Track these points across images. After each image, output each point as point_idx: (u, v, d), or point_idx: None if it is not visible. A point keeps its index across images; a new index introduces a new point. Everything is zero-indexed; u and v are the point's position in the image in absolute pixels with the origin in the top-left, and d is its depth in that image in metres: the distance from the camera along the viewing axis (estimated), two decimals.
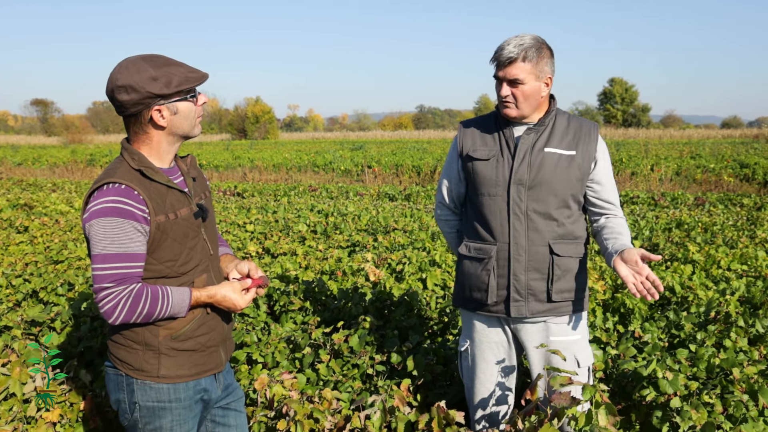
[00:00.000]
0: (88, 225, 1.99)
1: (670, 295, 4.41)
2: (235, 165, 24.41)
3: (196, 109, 2.15)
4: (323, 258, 6.02)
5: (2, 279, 4.98)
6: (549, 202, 2.54)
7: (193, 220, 2.17)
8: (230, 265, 2.38)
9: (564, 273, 2.58)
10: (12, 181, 17.49)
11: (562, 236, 2.58)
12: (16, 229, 8.16)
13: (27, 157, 29.41)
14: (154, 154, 2.12)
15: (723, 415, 2.85)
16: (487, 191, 2.60)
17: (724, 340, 3.53)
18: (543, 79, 2.49)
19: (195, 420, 2.26)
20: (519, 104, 2.50)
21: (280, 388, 2.89)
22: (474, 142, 2.66)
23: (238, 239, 6.91)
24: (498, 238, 2.59)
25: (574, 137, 2.57)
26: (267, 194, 13.94)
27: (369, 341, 3.51)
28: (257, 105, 72.45)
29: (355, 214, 8.97)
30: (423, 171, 20.31)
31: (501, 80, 2.50)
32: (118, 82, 2.00)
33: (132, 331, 2.11)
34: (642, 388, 2.98)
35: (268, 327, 3.93)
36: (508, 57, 2.43)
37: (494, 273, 2.61)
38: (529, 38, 2.46)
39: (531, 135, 2.55)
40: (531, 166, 2.52)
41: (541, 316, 2.62)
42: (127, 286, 1.99)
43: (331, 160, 24.56)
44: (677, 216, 9.05)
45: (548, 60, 2.49)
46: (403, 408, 2.70)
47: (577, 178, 2.56)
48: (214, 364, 2.28)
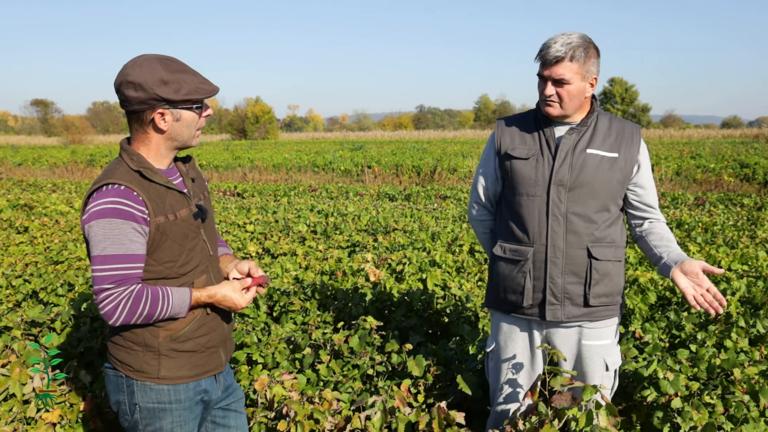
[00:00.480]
0: (88, 226, 1.98)
1: (670, 295, 4.41)
2: (235, 165, 24.39)
3: (199, 121, 2.14)
4: (323, 258, 6.01)
5: (2, 279, 4.98)
6: (589, 204, 2.49)
7: (193, 220, 2.17)
8: (230, 265, 2.38)
9: (602, 277, 2.53)
10: (12, 181, 17.49)
11: (600, 239, 2.52)
12: (16, 229, 8.15)
13: (27, 157, 29.40)
14: (152, 155, 2.11)
15: (724, 415, 2.85)
16: (526, 191, 2.54)
17: (724, 340, 3.52)
18: (588, 79, 2.43)
19: (195, 421, 2.26)
20: (563, 104, 2.44)
21: (280, 388, 2.88)
22: (513, 140, 2.59)
23: (238, 239, 6.91)
24: (535, 239, 2.54)
25: (617, 139, 2.51)
26: (267, 194, 13.93)
27: (369, 342, 3.51)
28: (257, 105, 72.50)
29: (355, 215, 8.97)
30: (423, 171, 20.28)
31: (545, 79, 2.43)
32: (128, 77, 1.99)
33: (132, 332, 2.11)
34: (643, 389, 2.98)
35: (268, 327, 3.93)
36: (555, 56, 2.37)
37: (530, 275, 2.56)
38: (576, 37, 2.40)
39: (573, 135, 2.49)
40: (572, 167, 2.47)
41: (576, 320, 2.58)
42: (127, 287, 1.98)
43: (331, 160, 24.54)
44: (678, 216, 9.04)
45: (595, 60, 2.43)
46: (404, 408, 2.70)
47: (618, 181, 2.50)
48: (214, 365, 2.27)
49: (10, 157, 29.23)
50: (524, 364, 2.71)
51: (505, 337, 2.72)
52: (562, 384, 2.40)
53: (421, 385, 3.23)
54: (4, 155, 30.80)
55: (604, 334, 2.63)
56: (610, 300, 2.58)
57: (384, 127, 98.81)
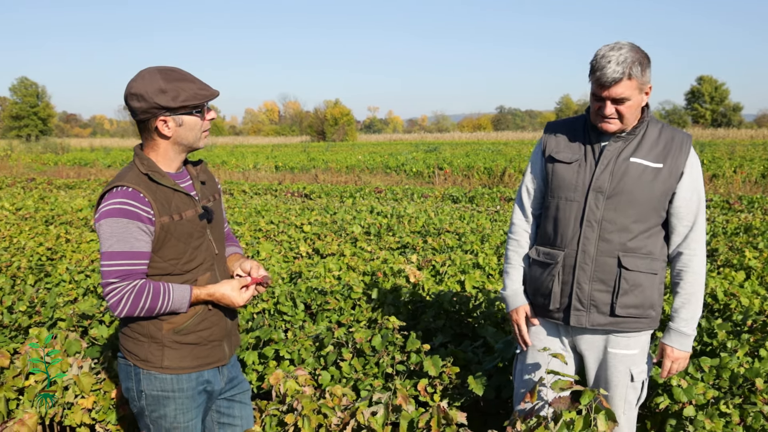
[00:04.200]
0: (98, 225, 2.15)
1: (712, 302, 4.28)
2: (309, 167, 24.86)
3: (202, 124, 2.28)
4: (370, 259, 6.12)
5: (66, 275, 5.33)
6: (627, 213, 2.46)
7: (198, 221, 2.31)
8: (236, 264, 2.52)
9: (632, 288, 2.49)
10: (98, 182, 18.44)
11: (634, 250, 2.48)
12: (90, 227, 8.65)
13: (117, 159, 30.89)
14: (161, 160, 2.27)
15: (740, 426, 2.77)
16: (565, 195, 2.55)
17: (759, 349, 3.40)
18: (645, 89, 2.40)
19: (198, 410, 2.40)
20: (624, 120, 2.41)
21: (293, 383, 3.00)
22: (558, 144, 2.61)
23: (292, 239, 7.11)
24: (567, 244, 2.54)
25: (664, 149, 2.47)
26: (334, 196, 14.18)
27: (391, 341, 3.58)
28: (336, 107, 73.49)
29: (412, 216, 9.04)
30: (493, 173, 20.10)
31: (603, 99, 2.38)
32: (132, 89, 2.16)
33: (139, 324, 2.27)
34: (657, 395, 2.93)
35: (304, 326, 4.06)
36: (613, 78, 2.31)
37: (558, 279, 2.57)
38: (627, 50, 2.33)
39: (618, 143, 2.48)
40: (613, 175, 2.45)
41: (602, 328, 2.56)
42: (131, 282, 2.14)
43: (403, 162, 24.66)
44: (749, 221, 8.67)
45: (648, 70, 2.39)
46: (406, 406, 2.76)
47: (661, 192, 2.45)
48: (216, 357, 2.41)
49: (101, 159, 30.82)
50: (550, 368, 2.71)
51: (534, 339, 2.72)
52: (562, 387, 2.41)
53: (437, 385, 3.28)
54: (96, 157, 32.50)
55: (632, 344, 2.58)
56: (640, 312, 2.52)
57: (462, 129, 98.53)
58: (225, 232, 2.60)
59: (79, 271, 5.43)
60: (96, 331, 3.86)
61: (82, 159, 31.59)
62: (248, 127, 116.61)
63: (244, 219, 9.08)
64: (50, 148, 43.41)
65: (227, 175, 23.58)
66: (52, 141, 48.39)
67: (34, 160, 32.97)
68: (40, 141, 50.18)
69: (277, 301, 4.39)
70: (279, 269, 5.51)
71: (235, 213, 9.90)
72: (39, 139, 54.79)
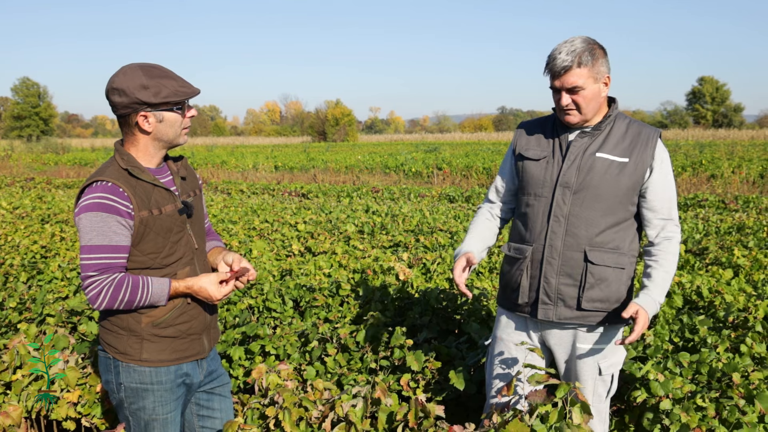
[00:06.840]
0: (78, 219, 2.19)
1: (696, 299, 4.31)
2: (309, 167, 24.90)
3: (182, 121, 2.32)
4: (361, 257, 6.15)
5: (58, 272, 5.37)
6: (593, 207, 2.50)
7: (178, 216, 2.35)
8: (218, 257, 2.55)
9: (598, 282, 2.53)
10: None
11: (600, 244, 2.53)
12: None
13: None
14: (141, 155, 2.31)
15: (716, 419, 2.80)
16: (534, 191, 2.61)
17: (740, 345, 3.44)
18: (601, 79, 2.45)
19: (177, 402, 2.43)
20: (582, 110, 2.46)
21: (275, 377, 3.03)
22: (528, 142, 2.68)
23: (286, 238, 7.14)
24: (535, 239, 2.60)
25: (630, 144, 2.51)
26: (331, 195, 14.22)
27: (375, 336, 3.62)
28: (337, 107, 73.51)
29: (407, 215, 9.08)
30: (492, 173, 20.14)
31: (559, 90, 2.46)
32: (113, 84, 2.20)
33: (118, 317, 2.31)
34: (634, 389, 2.96)
35: (292, 322, 4.09)
36: (563, 66, 2.39)
37: (527, 273, 2.63)
38: (579, 41, 2.42)
39: (585, 139, 2.54)
40: (580, 170, 2.51)
41: (569, 322, 2.60)
42: (109, 275, 2.18)
43: (402, 162, 24.69)
44: (742, 220, 8.69)
45: (603, 60, 2.44)
46: (385, 400, 2.79)
47: (627, 187, 2.50)
48: (195, 350, 2.44)
49: (101, 159, 30.84)
50: (518, 359, 2.76)
51: (503, 332, 2.79)
52: (538, 381, 2.45)
53: (420, 380, 3.32)
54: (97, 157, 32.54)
55: (600, 339, 2.63)
56: (606, 306, 2.57)
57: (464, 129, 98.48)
58: (206, 228, 2.64)
59: (71, 268, 5.47)
60: (85, 327, 3.90)
61: (82, 159, 31.67)
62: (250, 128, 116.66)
63: (239, 218, 9.11)
64: (51, 148, 43.58)
65: (226, 175, 23.62)
66: (53, 141, 48.56)
67: (35, 160, 33.11)
68: (41, 141, 50.32)
69: (266, 297, 4.43)
70: (270, 267, 5.55)
71: (231, 212, 9.94)
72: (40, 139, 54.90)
